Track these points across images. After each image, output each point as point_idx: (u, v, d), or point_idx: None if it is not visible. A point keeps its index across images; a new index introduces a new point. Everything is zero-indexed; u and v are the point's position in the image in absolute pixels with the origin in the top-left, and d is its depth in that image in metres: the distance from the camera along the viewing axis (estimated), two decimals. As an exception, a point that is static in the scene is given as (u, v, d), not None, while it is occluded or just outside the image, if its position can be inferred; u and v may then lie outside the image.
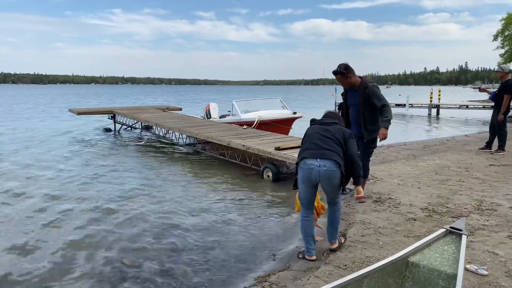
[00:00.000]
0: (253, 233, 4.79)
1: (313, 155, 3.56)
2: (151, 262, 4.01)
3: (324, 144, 3.57)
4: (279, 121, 11.30)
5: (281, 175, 7.24)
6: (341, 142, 3.58)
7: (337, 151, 3.53)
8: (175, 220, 5.24)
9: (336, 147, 3.55)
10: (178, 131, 10.83)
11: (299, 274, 3.48)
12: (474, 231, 4.14)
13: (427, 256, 2.64)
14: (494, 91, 8.97)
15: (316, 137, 3.65)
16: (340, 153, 3.54)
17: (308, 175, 3.55)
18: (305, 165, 3.57)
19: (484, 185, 6.02)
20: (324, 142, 3.59)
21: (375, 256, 3.62)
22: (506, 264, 3.31)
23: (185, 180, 7.46)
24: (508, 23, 42.96)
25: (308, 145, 3.67)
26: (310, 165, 3.53)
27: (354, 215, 5.00)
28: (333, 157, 3.49)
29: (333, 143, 3.57)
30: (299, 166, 3.67)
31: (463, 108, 23.65)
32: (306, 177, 3.59)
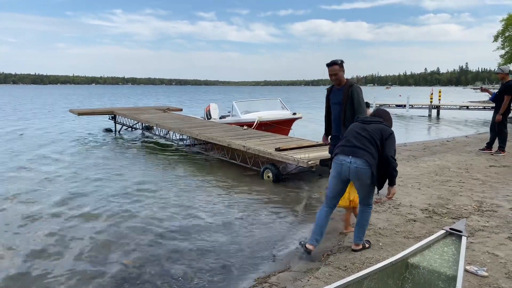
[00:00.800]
0: (253, 234, 4.79)
1: (344, 151, 3.64)
2: (151, 263, 4.02)
3: (358, 142, 3.62)
4: (279, 122, 11.30)
5: (281, 176, 7.24)
6: (377, 142, 3.58)
7: (370, 150, 3.56)
8: (175, 221, 5.25)
9: (370, 147, 3.57)
10: (178, 132, 10.84)
11: (299, 275, 3.48)
12: (474, 232, 4.14)
13: (427, 258, 2.64)
14: (495, 92, 8.97)
15: (352, 135, 3.71)
16: (373, 153, 3.56)
17: (339, 170, 3.65)
18: (337, 160, 3.69)
19: (485, 186, 6.02)
20: (359, 140, 3.64)
21: (375, 257, 3.62)
22: (506, 266, 3.31)
23: (185, 180, 7.46)
24: (508, 24, 42.92)
25: (343, 142, 3.75)
26: (342, 160, 3.63)
27: (354, 217, 4.99)
28: (364, 156, 3.52)
29: (367, 142, 3.60)
30: (333, 160, 3.80)
31: (463, 109, 23.64)
32: (337, 172, 3.69)
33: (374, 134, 3.60)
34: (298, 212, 5.56)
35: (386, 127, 3.69)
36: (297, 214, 5.49)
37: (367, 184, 3.62)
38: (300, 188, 6.79)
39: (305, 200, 6.11)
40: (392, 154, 3.52)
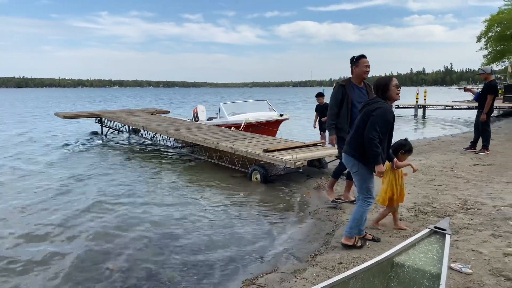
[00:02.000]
0: (241, 235, 4.78)
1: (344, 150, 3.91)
2: (138, 267, 3.98)
3: (349, 135, 3.87)
4: (266, 123, 11.31)
5: (269, 177, 7.24)
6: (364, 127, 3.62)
7: (354, 141, 3.72)
8: (161, 224, 5.21)
9: (356, 137, 3.70)
10: (165, 134, 10.77)
11: (286, 276, 3.49)
12: (458, 230, 4.19)
13: (412, 256, 2.66)
14: (478, 91, 9.12)
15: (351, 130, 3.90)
16: (358, 142, 3.68)
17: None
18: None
19: (469, 185, 6.11)
20: (351, 133, 3.85)
21: (361, 257, 3.64)
22: (489, 263, 3.36)
23: (172, 183, 7.42)
24: (491, 25, 43.70)
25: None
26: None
27: (340, 216, 5.03)
28: (347, 150, 3.79)
29: (355, 133, 3.75)
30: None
31: (448, 109, 23.99)
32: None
33: (361, 119, 3.68)
34: (286, 213, 5.56)
35: (371, 107, 3.65)
36: (285, 215, 5.50)
37: (353, 173, 3.78)
38: (288, 189, 6.80)
39: (293, 201, 6.12)
40: (368, 134, 3.52)
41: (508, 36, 42.95)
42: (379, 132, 3.50)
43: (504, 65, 45.97)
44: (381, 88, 3.72)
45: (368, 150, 3.54)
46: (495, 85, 8.81)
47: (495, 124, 15.31)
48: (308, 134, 10.08)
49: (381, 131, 3.52)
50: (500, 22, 42.88)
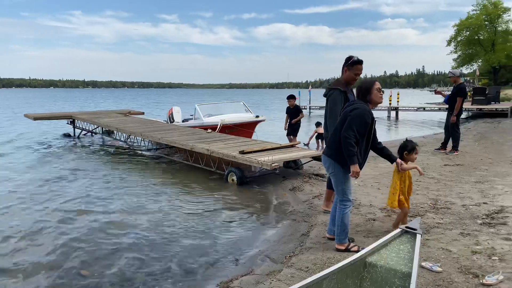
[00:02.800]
0: (216, 238, 4.75)
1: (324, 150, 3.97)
2: (111, 272, 3.89)
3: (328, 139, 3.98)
4: (242, 125, 11.31)
5: (246, 178, 7.23)
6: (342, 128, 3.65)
7: (332, 142, 3.78)
8: (135, 228, 5.12)
9: (333, 138, 3.77)
10: (140, 136, 10.61)
11: (261, 278, 3.48)
12: (429, 229, 4.29)
13: (384, 256, 2.71)
14: (448, 94, 9.39)
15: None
16: (335, 143, 3.72)
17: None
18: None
19: (439, 185, 6.28)
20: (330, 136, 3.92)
21: (336, 257, 3.68)
22: (458, 260, 3.45)
23: (146, 185, 7.31)
24: (460, 29, 45.20)
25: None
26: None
27: (316, 217, 5.07)
28: (326, 152, 3.84)
29: (333, 135, 3.81)
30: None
31: (420, 111, 24.62)
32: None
33: (340, 121, 3.73)
34: (262, 215, 5.57)
35: (349, 108, 3.70)
36: (261, 216, 5.50)
37: (330, 174, 3.86)
38: (264, 190, 6.81)
39: (269, 202, 6.13)
40: (346, 134, 3.55)
41: (476, 41, 44.53)
42: (355, 132, 3.55)
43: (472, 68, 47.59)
44: (363, 91, 3.78)
45: (344, 150, 3.58)
46: (464, 88, 9.10)
47: (465, 126, 15.82)
48: (284, 135, 10.14)
49: (358, 131, 3.56)
50: (468, 27, 44.45)
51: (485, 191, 5.74)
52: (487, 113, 19.77)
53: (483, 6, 44.30)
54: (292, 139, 9.51)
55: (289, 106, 9.63)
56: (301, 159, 7.97)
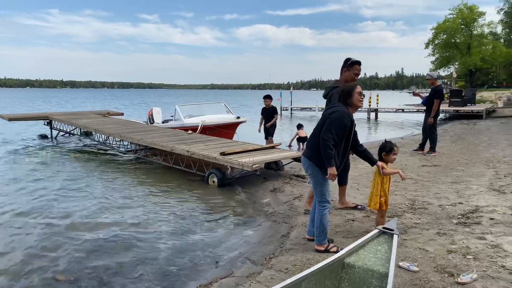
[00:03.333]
0: (196, 240, 4.72)
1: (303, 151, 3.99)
2: (88, 277, 3.82)
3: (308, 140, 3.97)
4: (223, 126, 11.27)
5: (226, 180, 7.21)
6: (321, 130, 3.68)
7: (311, 144, 3.80)
8: (114, 230, 5.04)
9: (313, 139, 3.78)
10: (119, 137, 10.45)
11: (241, 280, 3.47)
12: (407, 229, 4.36)
13: (361, 257, 2.73)
14: (426, 96, 9.57)
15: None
16: (314, 145, 3.74)
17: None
18: None
19: (417, 185, 6.38)
20: (309, 138, 3.94)
21: (315, 258, 3.69)
22: (435, 260, 3.51)
23: (125, 187, 7.20)
24: (438, 33, 46.21)
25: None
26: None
27: (296, 218, 5.08)
28: (306, 153, 3.87)
29: (312, 136, 3.84)
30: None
31: (399, 112, 25.05)
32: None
33: (319, 124, 3.76)
34: (242, 216, 5.55)
35: (328, 111, 3.75)
36: (241, 218, 5.49)
37: (309, 175, 3.87)
38: (245, 192, 6.80)
39: (250, 204, 6.12)
40: (325, 136, 3.58)
41: (452, 44, 45.60)
42: (334, 134, 3.57)
43: (449, 70, 48.71)
44: (345, 94, 3.81)
45: (322, 152, 3.61)
46: (441, 90, 9.30)
47: (442, 127, 16.16)
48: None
49: (336, 134, 3.59)
50: (445, 30, 45.47)
51: (461, 191, 5.87)
52: (463, 115, 20.24)
53: (459, 10, 45.36)
54: (270, 140, 9.46)
55: (265, 107, 9.45)
56: (282, 160, 7.99)
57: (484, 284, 3.01)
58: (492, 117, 19.73)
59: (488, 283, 3.03)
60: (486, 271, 3.22)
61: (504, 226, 4.24)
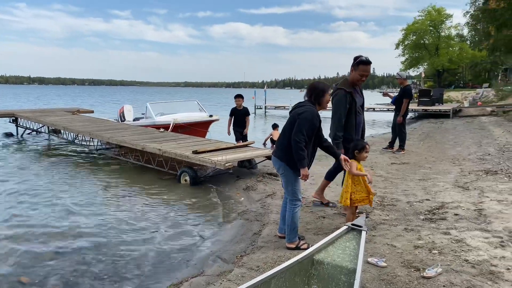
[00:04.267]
0: (167, 240, 4.66)
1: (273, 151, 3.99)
2: (53, 279, 3.71)
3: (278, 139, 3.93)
4: (195, 124, 11.17)
5: (199, 179, 7.15)
6: (290, 130, 3.68)
7: (281, 143, 3.80)
8: (81, 231, 4.91)
9: (283, 139, 3.78)
10: (88, 135, 10.19)
11: (212, 279, 3.45)
12: (376, 226, 4.44)
13: (331, 253, 2.77)
14: (395, 95, 9.79)
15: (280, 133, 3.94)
16: (284, 144, 3.74)
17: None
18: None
19: (386, 182, 6.52)
20: (279, 137, 3.92)
21: (286, 256, 3.71)
22: (402, 255, 3.60)
23: (94, 187, 7.04)
24: (407, 34, 47.43)
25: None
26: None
27: (268, 216, 5.10)
28: (275, 152, 3.88)
29: (282, 134, 3.83)
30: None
31: (370, 111, 25.50)
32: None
33: (289, 123, 3.76)
34: (215, 215, 5.53)
35: (298, 110, 3.75)
36: (213, 217, 5.46)
37: (280, 175, 3.87)
38: (217, 190, 6.77)
39: (222, 203, 6.09)
40: (295, 137, 3.60)
41: (421, 45, 46.91)
42: (305, 135, 3.60)
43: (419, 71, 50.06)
44: (316, 93, 3.82)
45: (294, 154, 3.63)
46: (410, 89, 9.53)
47: (411, 126, 16.59)
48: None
49: (307, 135, 3.62)
50: (415, 32, 46.72)
51: (428, 188, 6.03)
52: (431, 114, 20.82)
53: (428, 12, 46.69)
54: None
55: (236, 107, 8.84)
56: (255, 159, 7.99)
57: (448, 277, 3.11)
58: (459, 116, 20.40)
59: (452, 276, 3.13)
60: (450, 265, 3.33)
61: (467, 222, 4.40)
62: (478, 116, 19.26)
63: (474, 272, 3.18)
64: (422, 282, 3.06)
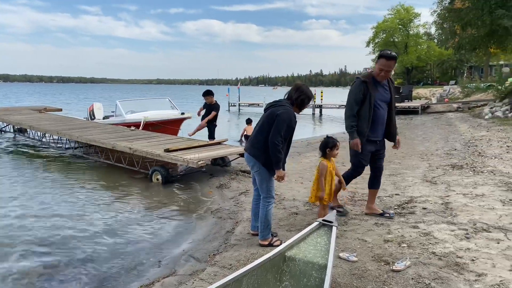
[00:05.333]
0: (138, 239, 4.58)
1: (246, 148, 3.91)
2: (18, 283, 3.57)
3: (252, 135, 3.83)
4: (167, 122, 11.01)
5: (171, 177, 7.06)
6: (270, 128, 3.63)
7: (256, 143, 3.73)
8: (48, 233, 4.75)
9: (259, 137, 3.72)
10: (56, 134, 9.88)
11: (184, 278, 3.41)
12: (347, 221, 4.51)
13: (302, 249, 2.78)
14: None
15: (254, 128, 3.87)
16: (260, 143, 3.69)
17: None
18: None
19: (357, 178, 6.60)
20: (254, 132, 3.83)
21: (259, 253, 3.71)
22: (372, 250, 3.66)
23: (63, 187, 6.83)
24: (377, 32, 48.38)
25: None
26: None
27: (241, 213, 5.09)
28: (250, 150, 3.78)
29: (258, 133, 3.74)
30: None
31: (342, 108, 25.90)
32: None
33: (266, 121, 3.71)
34: (187, 214, 5.47)
35: (276, 109, 3.70)
36: (186, 216, 5.41)
37: (255, 172, 3.82)
38: (190, 189, 6.70)
39: (195, 201, 6.04)
40: (274, 139, 3.58)
41: (391, 43, 47.93)
42: (283, 137, 3.61)
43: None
44: (302, 98, 3.80)
45: (272, 155, 3.63)
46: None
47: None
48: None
49: (284, 137, 3.62)
50: (385, 30, 47.69)
51: (397, 183, 6.17)
52: (401, 111, 21.33)
53: (397, 11, 47.77)
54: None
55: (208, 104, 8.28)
56: (229, 156, 7.96)
57: (416, 270, 3.18)
58: (427, 112, 20.99)
59: (420, 269, 3.20)
60: (418, 258, 3.41)
61: (435, 215, 4.52)
62: (445, 112, 19.89)
63: (441, 264, 3.27)
64: (392, 275, 3.12)
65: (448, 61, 49.39)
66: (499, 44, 22.53)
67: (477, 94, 23.92)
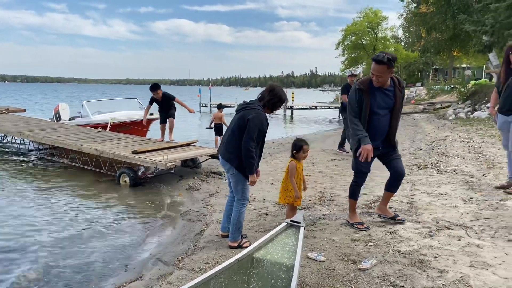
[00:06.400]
0: (105, 244, 4.46)
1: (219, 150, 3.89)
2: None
3: (225, 138, 3.81)
4: (135, 123, 10.79)
5: (139, 180, 6.93)
6: (241, 131, 3.60)
7: (229, 146, 3.70)
8: (9, 238, 4.56)
9: (231, 141, 3.69)
10: (18, 136, 9.51)
11: (151, 282, 3.36)
12: (316, 221, 4.55)
13: (270, 251, 2.78)
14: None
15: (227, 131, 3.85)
16: (233, 147, 3.66)
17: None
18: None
19: (326, 178, 6.72)
20: (226, 135, 3.81)
21: (228, 255, 3.68)
22: (340, 249, 3.71)
23: (25, 191, 6.58)
24: (347, 34, 49.28)
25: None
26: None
27: (211, 215, 5.06)
28: (223, 154, 3.77)
29: (231, 135, 3.71)
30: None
31: (312, 109, 26.31)
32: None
33: (237, 125, 3.67)
34: (156, 217, 5.38)
35: (247, 113, 3.63)
36: (154, 218, 5.32)
37: (230, 174, 3.80)
38: (159, 191, 6.60)
39: (164, 204, 5.95)
40: (247, 145, 3.55)
41: (360, 45, 48.97)
42: (255, 142, 3.60)
43: (358, 71, 52.17)
44: (275, 101, 3.77)
45: (245, 161, 3.61)
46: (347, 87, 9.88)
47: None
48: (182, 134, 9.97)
49: (256, 141, 3.62)
50: (354, 32, 48.65)
51: (365, 183, 6.27)
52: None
53: (366, 14, 48.82)
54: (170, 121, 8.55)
55: (157, 99, 8.28)
56: (199, 158, 7.89)
57: (382, 268, 3.25)
58: (394, 113, 21.51)
59: (386, 267, 3.27)
60: (384, 256, 3.48)
61: (400, 214, 4.63)
62: (412, 113, 20.47)
63: (406, 262, 3.35)
64: (358, 274, 3.17)
65: (415, 64, 50.88)
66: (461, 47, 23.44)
67: (441, 95, 24.77)
